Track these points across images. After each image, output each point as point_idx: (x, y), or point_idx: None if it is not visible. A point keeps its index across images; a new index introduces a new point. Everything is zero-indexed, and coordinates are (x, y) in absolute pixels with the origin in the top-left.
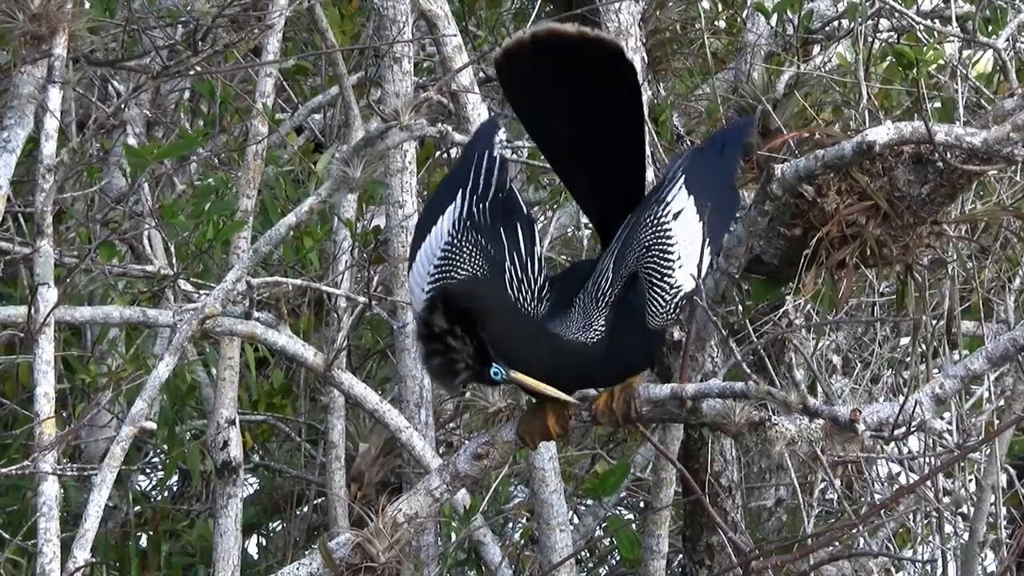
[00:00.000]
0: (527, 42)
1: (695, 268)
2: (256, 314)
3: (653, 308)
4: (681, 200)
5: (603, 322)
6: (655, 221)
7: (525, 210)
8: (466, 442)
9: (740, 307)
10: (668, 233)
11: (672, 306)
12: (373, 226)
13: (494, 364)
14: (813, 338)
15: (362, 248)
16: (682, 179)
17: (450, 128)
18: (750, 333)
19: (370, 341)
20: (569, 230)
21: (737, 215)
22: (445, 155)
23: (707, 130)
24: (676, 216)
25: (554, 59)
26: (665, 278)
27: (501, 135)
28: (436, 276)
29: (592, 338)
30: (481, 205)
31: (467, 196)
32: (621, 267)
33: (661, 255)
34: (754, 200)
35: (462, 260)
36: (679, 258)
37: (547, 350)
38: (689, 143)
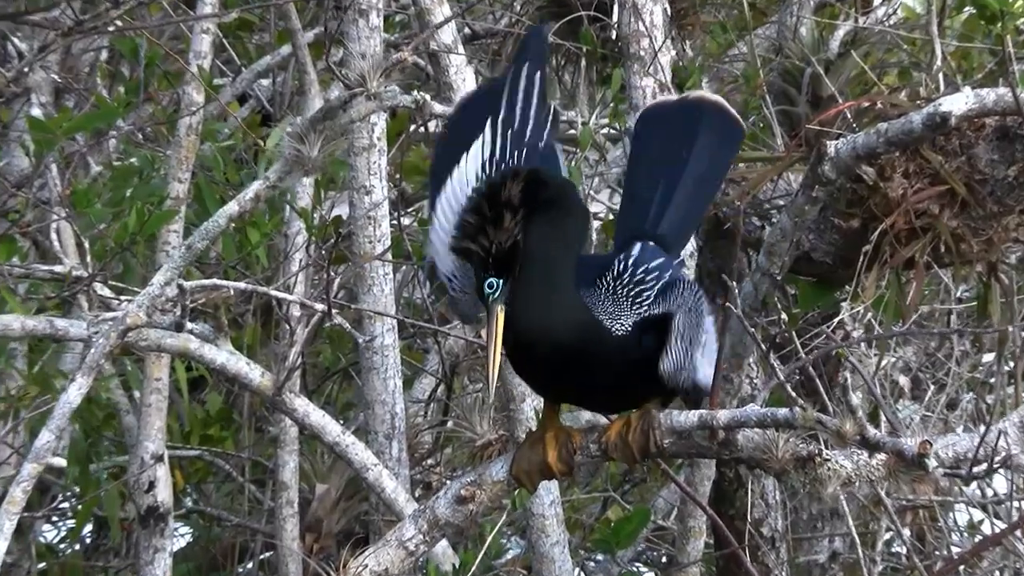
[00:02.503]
0: (674, 103)
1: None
2: (189, 325)
3: (670, 358)
4: (710, 319)
5: (632, 322)
6: (696, 298)
7: (564, 170)
8: (448, 482)
9: (784, 316)
10: (702, 317)
11: (683, 372)
12: (334, 216)
13: (500, 281)
14: (875, 354)
15: (320, 244)
16: (708, 308)
17: (428, 97)
18: (797, 348)
19: (330, 358)
20: None
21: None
22: (422, 129)
23: (745, 99)
24: (707, 313)
25: (693, 118)
26: (693, 344)
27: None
28: None
29: (618, 330)
30: (517, 150)
31: (499, 130)
32: (666, 300)
33: (697, 325)
34: (802, 184)
35: None
36: (704, 344)
37: (569, 308)
38: None
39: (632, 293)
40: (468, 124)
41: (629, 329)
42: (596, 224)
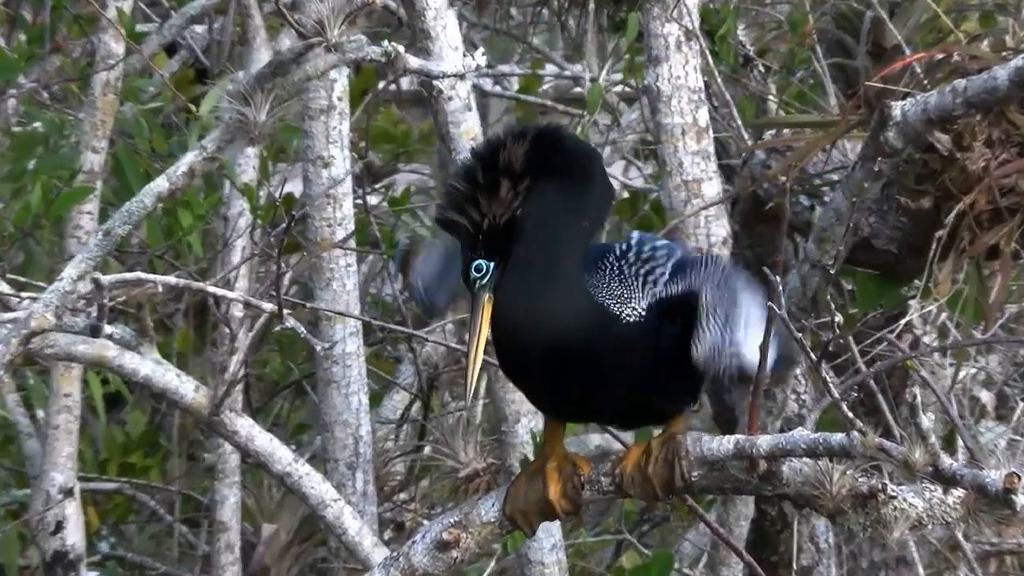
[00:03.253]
0: None
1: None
2: (108, 329)
3: (704, 339)
4: (748, 289)
5: (647, 305)
6: (723, 272)
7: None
8: (425, 523)
9: (839, 318)
10: (736, 290)
11: (723, 354)
12: (284, 195)
13: (492, 264)
14: (951, 364)
15: (268, 229)
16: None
17: (402, 48)
18: (855, 357)
19: (279, 369)
20: None
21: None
22: (393, 87)
23: (790, 50)
24: (744, 288)
25: None
26: (731, 320)
27: None
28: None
29: (628, 316)
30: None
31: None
32: (685, 278)
33: (732, 300)
34: (860, 155)
35: None
36: (745, 320)
37: (565, 294)
38: (761, 69)
39: (642, 272)
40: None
41: (643, 314)
42: None
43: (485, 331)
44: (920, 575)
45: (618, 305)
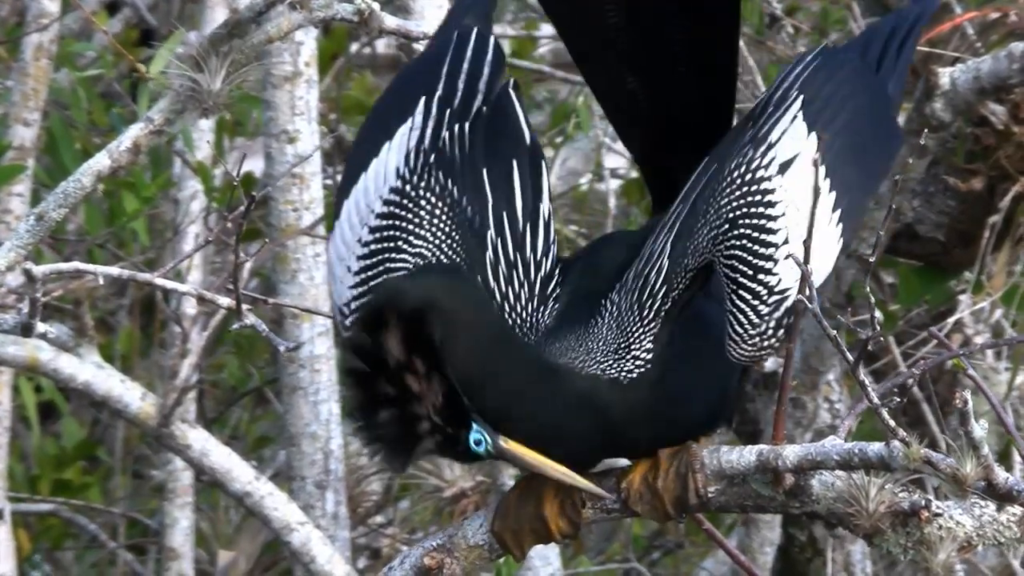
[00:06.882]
0: None
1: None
2: (41, 327)
3: (739, 326)
4: (794, 140)
5: (650, 345)
6: (748, 176)
7: (528, 135)
8: (404, 549)
9: (879, 315)
10: (768, 197)
11: (772, 323)
12: (243, 174)
13: (475, 428)
14: (1006, 367)
15: (224, 213)
16: (798, 104)
17: (377, 5)
18: (895, 359)
19: (237, 375)
20: (583, 180)
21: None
22: (367, 50)
23: (823, 8)
24: (783, 168)
25: None
26: (760, 273)
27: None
28: (372, 249)
29: (630, 372)
30: (456, 126)
31: (432, 109)
32: (687, 251)
33: (755, 234)
34: (903, 129)
35: (416, 223)
36: (786, 241)
37: (549, 397)
38: (790, 30)
39: (642, 297)
40: (399, 106)
41: (648, 358)
42: (615, 186)
43: (542, 458)
44: None
45: (616, 363)
